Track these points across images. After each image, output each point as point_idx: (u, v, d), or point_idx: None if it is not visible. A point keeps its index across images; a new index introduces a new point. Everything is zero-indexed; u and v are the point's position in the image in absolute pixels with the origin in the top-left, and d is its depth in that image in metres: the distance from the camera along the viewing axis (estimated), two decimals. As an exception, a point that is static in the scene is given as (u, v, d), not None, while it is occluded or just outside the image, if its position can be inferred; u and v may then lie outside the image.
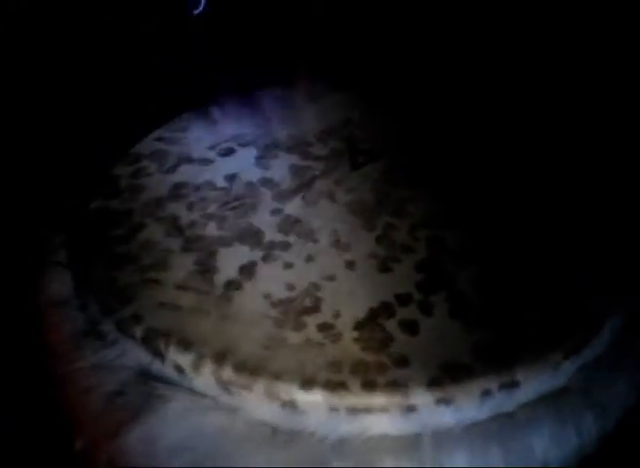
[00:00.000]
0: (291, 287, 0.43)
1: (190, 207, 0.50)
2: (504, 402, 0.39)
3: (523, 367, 0.39)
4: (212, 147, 0.56)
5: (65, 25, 0.65)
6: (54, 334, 0.45)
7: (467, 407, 0.38)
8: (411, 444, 0.38)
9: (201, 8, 0.69)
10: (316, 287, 0.43)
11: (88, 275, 0.46)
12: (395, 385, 0.38)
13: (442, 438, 0.38)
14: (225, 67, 0.65)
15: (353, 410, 0.37)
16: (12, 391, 0.52)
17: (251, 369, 0.38)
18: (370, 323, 0.41)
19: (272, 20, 0.70)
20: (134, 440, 0.39)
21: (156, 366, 0.41)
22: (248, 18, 0.70)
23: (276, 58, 0.66)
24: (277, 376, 0.38)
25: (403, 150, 0.55)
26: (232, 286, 0.44)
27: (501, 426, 0.38)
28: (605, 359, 0.42)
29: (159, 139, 0.57)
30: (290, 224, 0.48)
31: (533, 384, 0.39)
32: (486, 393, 0.38)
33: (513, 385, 0.38)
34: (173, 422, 0.39)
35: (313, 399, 0.38)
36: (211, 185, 0.52)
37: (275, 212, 0.49)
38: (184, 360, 0.39)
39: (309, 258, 0.45)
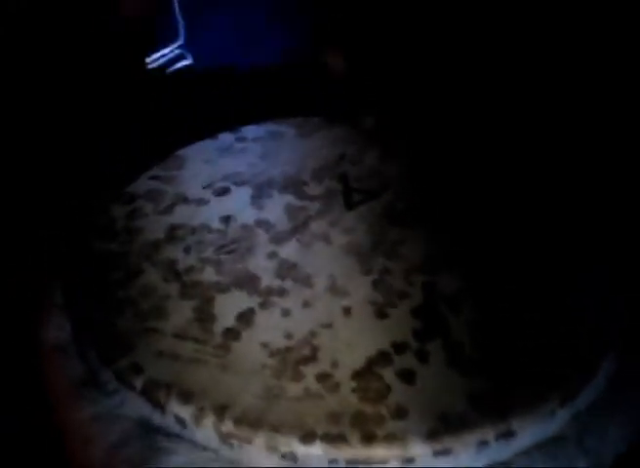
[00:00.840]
0: (289, 335, 0.44)
1: (187, 250, 0.50)
2: (501, 451, 0.39)
3: (518, 416, 0.39)
4: (207, 186, 0.56)
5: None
6: (53, 382, 0.45)
7: (464, 457, 0.38)
8: (410, 494, 0.38)
9: (181, 41, 0.69)
10: (314, 335, 0.44)
11: (86, 321, 0.46)
12: (394, 438, 0.38)
13: (440, 488, 0.39)
14: (220, 103, 0.66)
15: (353, 463, 0.38)
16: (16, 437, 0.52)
17: (251, 422, 0.39)
18: (367, 372, 0.42)
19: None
20: (136, 492, 0.39)
21: (157, 417, 0.41)
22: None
23: (269, 95, 0.66)
24: (277, 429, 0.39)
25: (398, 188, 0.56)
26: (231, 334, 0.44)
27: (498, 475, 0.39)
28: (598, 406, 0.42)
29: (154, 178, 0.57)
30: (286, 269, 0.48)
31: (528, 433, 0.40)
32: (482, 443, 0.39)
33: (509, 435, 0.39)
34: (175, 475, 0.39)
35: (313, 452, 0.38)
36: (207, 227, 0.52)
37: (271, 255, 0.50)
38: (185, 412, 0.40)
39: (306, 304, 0.46)
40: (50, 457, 0.48)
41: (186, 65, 0.66)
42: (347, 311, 0.45)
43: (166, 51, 0.67)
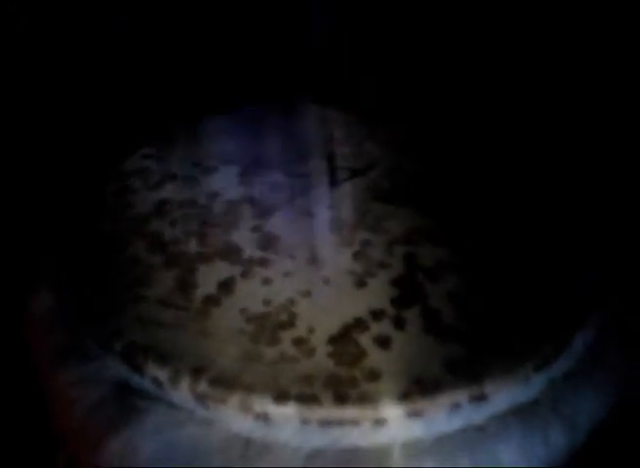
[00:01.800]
0: (267, 302, 0.44)
1: (173, 223, 0.51)
2: (474, 414, 0.39)
3: (492, 380, 0.40)
4: (195, 165, 0.57)
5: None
6: (39, 350, 0.46)
7: (437, 419, 0.39)
8: (381, 455, 0.38)
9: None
10: (292, 302, 0.44)
11: (72, 290, 0.47)
12: (366, 399, 0.39)
13: (412, 450, 0.39)
14: (210, 84, 0.66)
15: (325, 423, 0.38)
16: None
17: (225, 383, 0.40)
18: (343, 338, 0.42)
19: (256, 38, 0.72)
20: (112, 451, 0.40)
21: (135, 380, 0.42)
22: (233, 34, 0.71)
23: (260, 76, 0.67)
24: (251, 390, 0.39)
25: (383, 168, 0.57)
26: (210, 301, 0.45)
27: (470, 438, 0.39)
28: (575, 373, 0.43)
29: (145, 157, 0.58)
30: (269, 241, 0.49)
31: (502, 397, 0.40)
32: (455, 406, 0.39)
33: (482, 398, 0.39)
34: (150, 434, 0.40)
35: (286, 412, 0.39)
36: (193, 203, 0.53)
37: (255, 229, 0.50)
38: (162, 374, 0.41)
39: (286, 274, 0.47)
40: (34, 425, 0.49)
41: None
42: (327, 280, 0.46)
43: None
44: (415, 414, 0.38)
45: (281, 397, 0.39)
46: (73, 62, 0.65)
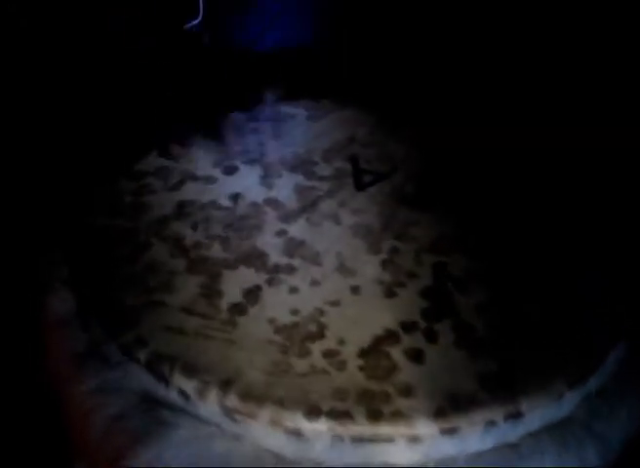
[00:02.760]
0: (295, 312, 0.43)
1: (195, 227, 0.50)
2: (509, 432, 0.39)
3: (527, 397, 0.39)
4: (216, 165, 0.56)
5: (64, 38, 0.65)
6: (55, 355, 0.45)
7: (471, 437, 0.38)
8: (415, 473, 0.38)
9: (199, 18, 0.69)
10: (321, 312, 0.43)
11: (91, 295, 0.45)
12: (400, 415, 0.38)
13: (446, 467, 0.38)
14: (231, 84, 0.65)
15: (358, 440, 0.38)
16: (13, 410, 0.52)
17: (256, 397, 0.38)
18: (375, 350, 0.41)
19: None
20: (137, 465, 0.39)
21: (160, 391, 0.40)
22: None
23: (281, 76, 0.66)
24: (282, 405, 0.38)
25: (407, 171, 0.56)
26: (237, 310, 0.44)
27: (505, 457, 0.38)
28: (608, 390, 0.42)
29: (164, 156, 0.56)
30: (294, 247, 0.48)
31: (537, 415, 0.39)
32: (490, 423, 0.38)
33: (518, 415, 0.38)
34: (177, 448, 0.39)
35: (318, 428, 0.38)
36: (215, 205, 0.52)
37: (280, 233, 0.49)
38: (189, 386, 0.39)
39: (314, 282, 0.45)
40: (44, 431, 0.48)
41: (202, 44, 0.66)
42: (355, 290, 0.45)
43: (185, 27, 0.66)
44: (449, 432, 0.38)
45: (313, 412, 0.38)
46: (73, 62, 0.63)
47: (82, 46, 0.65)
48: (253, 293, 0.45)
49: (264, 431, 0.38)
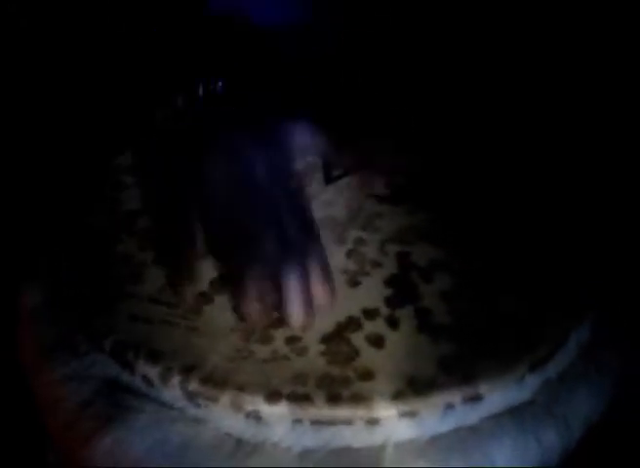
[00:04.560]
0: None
1: (164, 221, 0.50)
2: (468, 415, 0.39)
3: (487, 380, 0.39)
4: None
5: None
6: (28, 346, 0.46)
7: (430, 419, 0.38)
8: (374, 456, 0.38)
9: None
10: (285, 300, 0.44)
11: (61, 288, 0.46)
12: (359, 398, 0.38)
13: (405, 450, 0.38)
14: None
15: (317, 423, 0.38)
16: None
17: (217, 381, 0.39)
18: (336, 337, 0.42)
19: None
20: (102, 449, 0.39)
21: (125, 377, 0.41)
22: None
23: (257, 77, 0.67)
24: (242, 388, 0.39)
25: (375, 165, 0.56)
26: (203, 299, 0.44)
27: (464, 438, 0.39)
28: (570, 373, 0.42)
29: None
30: (261, 238, 0.49)
31: (496, 398, 0.40)
32: (449, 406, 0.38)
33: (477, 398, 0.39)
34: (140, 432, 0.39)
35: (278, 411, 0.38)
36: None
37: (248, 225, 0.50)
38: (153, 372, 0.40)
39: (280, 272, 0.46)
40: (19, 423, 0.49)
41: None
42: (320, 279, 0.46)
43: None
44: (408, 414, 0.38)
45: (273, 396, 0.38)
46: (73, 62, 0.64)
47: (82, 46, 0.66)
48: (219, 283, 0.45)
49: (225, 415, 0.39)
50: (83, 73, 0.65)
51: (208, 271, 0.46)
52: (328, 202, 0.52)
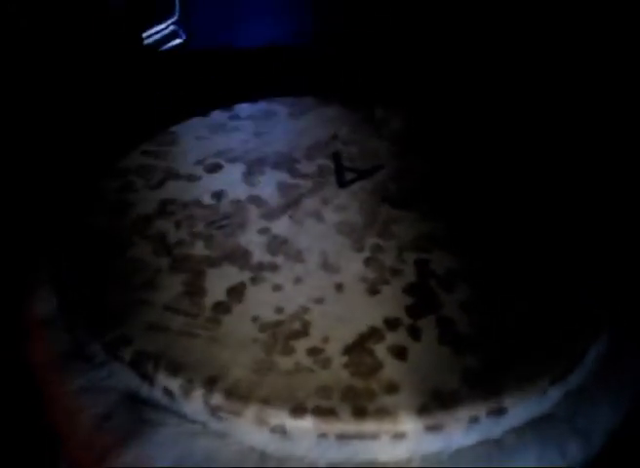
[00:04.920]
0: (279, 310, 0.43)
1: (178, 225, 0.49)
2: (492, 428, 0.39)
3: (510, 393, 0.39)
4: (199, 162, 0.55)
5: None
6: (38, 356, 0.45)
7: (455, 433, 0.38)
8: (399, 470, 0.38)
9: (176, 17, 0.68)
10: (305, 310, 0.43)
11: (74, 294, 0.45)
12: (385, 412, 0.38)
13: (430, 464, 0.38)
14: (212, 80, 0.65)
15: (343, 437, 0.38)
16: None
17: (240, 395, 0.38)
18: (359, 348, 0.41)
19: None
20: (122, 464, 0.39)
21: (145, 389, 0.40)
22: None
23: (264, 72, 0.66)
24: (267, 402, 0.38)
25: (390, 169, 0.56)
26: (221, 308, 0.43)
27: (488, 452, 0.39)
28: (590, 385, 0.42)
29: (146, 153, 0.56)
30: (278, 245, 0.48)
31: (519, 411, 0.39)
32: (474, 419, 0.38)
33: (501, 411, 0.39)
34: (161, 447, 0.38)
35: (303, 425, 0.38)
36: (198, 203, 0.51)
37: (263, 231, 0.49)
38: (174, 384, 0.39)
39: (297, 280, 0.45)
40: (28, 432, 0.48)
41: (180, 43, 0.66)
42: (339, 287, 0.45)
43: (161, 26, 0.66)
44: (433, 428, 0.38)
45: (298, 410, 0.38)
46: (73, 62, 0.63)
47: (81, 46, 0.65)
48: (236, 291, 0.45)
49: (249, 429, 0.38)
50: (85, 73, 0.64)
51: (224, 278, 0.46)
52: (342, 206, 0.51)
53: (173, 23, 0.67)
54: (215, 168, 0.55)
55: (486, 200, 0.52)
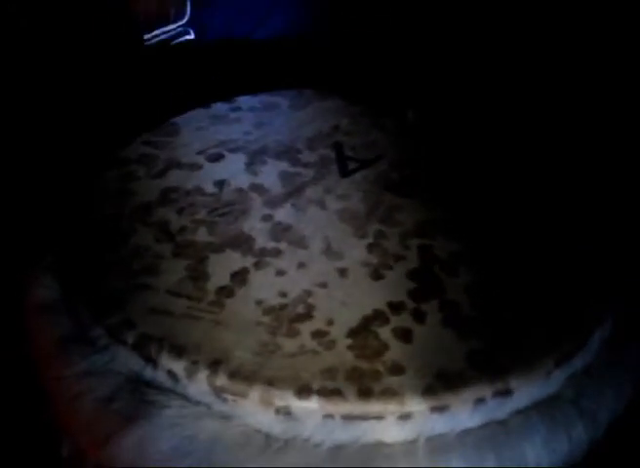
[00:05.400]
0: (283, 294, 0.43)
1: (180, 212, 0.49)
2: (497, 409, 0.39)
3: (516, 375, 0.39)
4: (200, 152, 0.56)
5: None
6: (41, 340, 0.44)
7: (461, 414, 0.38)
8: (405, 450, 0.38)
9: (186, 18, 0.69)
10: (309, 294, 0.43)
11: (77, 280, 0.45)
12: (390, 393, 0.38)
13: (436, 445, 0.38)
14: (214, 72, 0.65)
15: (348, 418, 0.37)
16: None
17: (245, 376, 0.38)
18: (364, 330, 0.41)
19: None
20: (125, 446, 0.38)
21: (148, 372, 0.40)
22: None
23: (266, 65, 0.66)
24: (272, 383, 0.38)
25: (392, 158, 0.56)
26: (224, 292, 0.43)
27: (494, 433, 0.39)
28: (595, 367, 0.42)
29: (147, 143, 0.56)
30: (281, 231, 0.48)
31: (525, 392, 0.39)
32: (479, 400, 0.38)
33: (506, 393, 0.39)
34: (166, 429, 0.38)
35: (308, 406, 0.37)
36: (200, 191, 0.51)
37: (266, 218, 0.49)
38: (178, 366, 0.39)
39: (301, 265, 0.45)
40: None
41: (188, 40, 0.66)
42: (343, 272, 0.45)
43: (171, 27, 0.66)
44: (439, 409, 0.38)
45: (303, 391, 0.38)
46: (73, 62, 0.63)
47: (81, 46, 0.65)
48: (240, 276, 0.44)
49: (254, 410, 0.38)
50: (88, 68, 0.64)
51: (227, 263, 0.45)
52: (345, 195, 0.51)
53: (182, 25, 0.67)
54: (217, 157, 0.55)
55: (486, 186, 0.53)
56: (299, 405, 0.37)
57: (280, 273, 0.45)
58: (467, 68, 0.65)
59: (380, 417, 0.37)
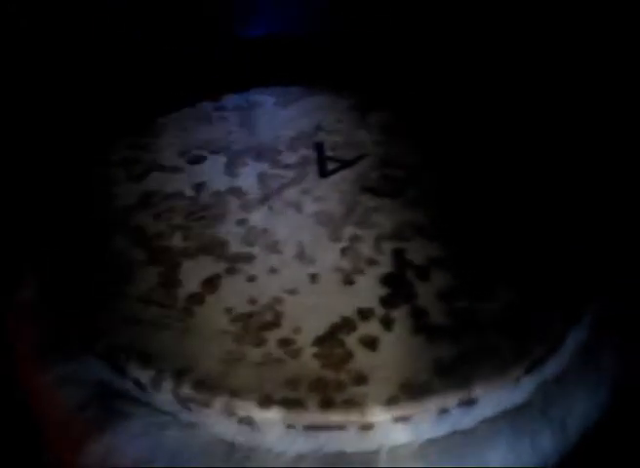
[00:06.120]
0: (252, 301, 0.43)
1: (157, 217, 0.50)
2: (462, 419, 0.39)
3: (481, 384, 0.39)
4: (182, 154, 0.56)
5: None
6: (18, 348, 0.45)
7: (425, 424, 0.38)
8: (367, 461, 0.38)
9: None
10: (278, 301, 0.43)
11: (51, 286, 0.46)
12: (352, 403, 0.38)
13: (399, 455, 0.38)
14: (197, 72, 0.65)
15: (310, 428, 0.38)
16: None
17: (209, 385, 0.39)
18: (330, 338, 0.41)
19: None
20: (94, 456, 0.39)
21: (117, 381, 0.41)
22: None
23: (249, 64, 0.66)
24: (235, 393, 0.38)
25: (373, 158, 0.55)
26: (195, 299, 0.44)
27: (458, 443, 0.39)
28: (567, 375, 0.42)
29: (130, 145, 0.56)
30: (255, 235, 0.48)
31: (491, 401, 0.39)
32: (443, 411, 0.38)
33: (471, 402, 0.38)
34: (132, 438, 0.39)
35: (270, 416, 0.38)
36: (179, 194, 0.52)
37: (240, 222, 0.49)
38: (144, 376, 0.40)
39: (272, 271, 0.45)
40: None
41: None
42: (314, 278, 0.45)
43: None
44: (402, 419, 0.38)
45: (265, 401, 0.38)
46: (73, 62, 0.64)
47: (81, 46, 0.65)
48: (211, 283, 0.45)
49: (218, 420, 0.38)
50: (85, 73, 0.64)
51: (199, 270, 0.46)
52: (322, 196, 0.51)
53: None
54: (198, 159, 0.55)
55: (468, 189, 0.52)
56: (261, 415, 0.38)
57: (251, 279, 0.45)
58: (462, 67, 0.64)
59: (341, 427, 0.38)
